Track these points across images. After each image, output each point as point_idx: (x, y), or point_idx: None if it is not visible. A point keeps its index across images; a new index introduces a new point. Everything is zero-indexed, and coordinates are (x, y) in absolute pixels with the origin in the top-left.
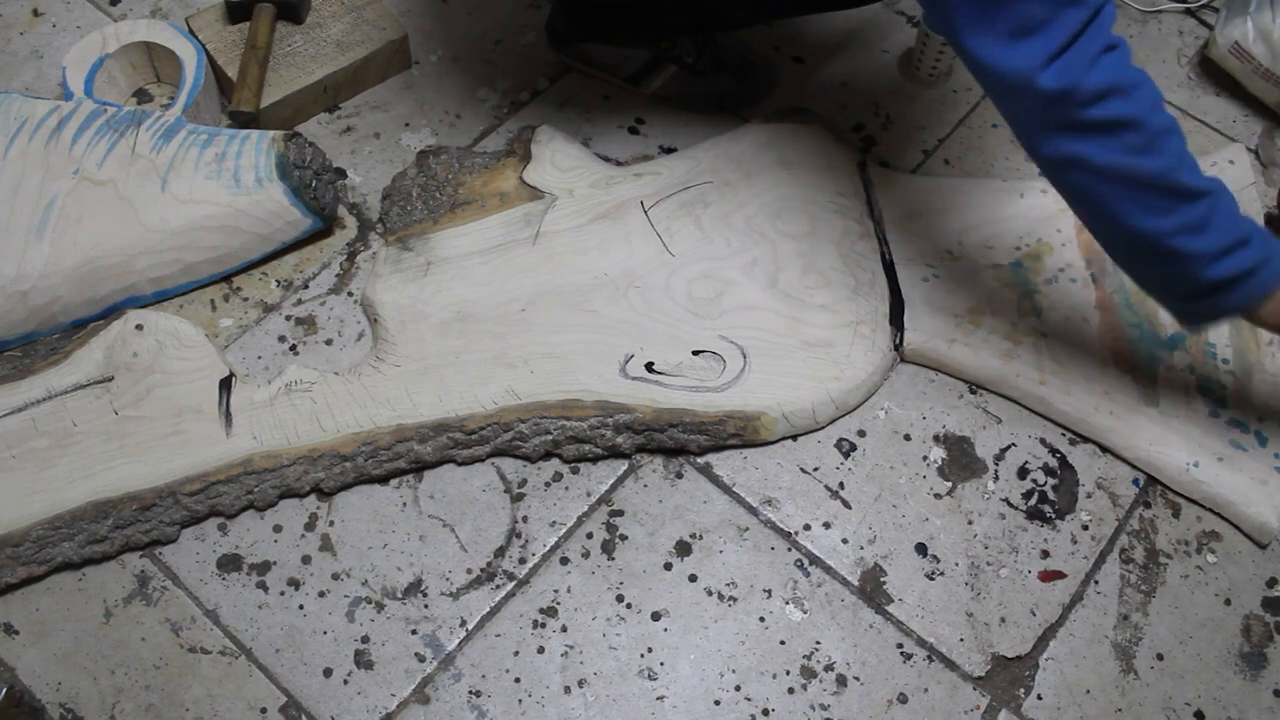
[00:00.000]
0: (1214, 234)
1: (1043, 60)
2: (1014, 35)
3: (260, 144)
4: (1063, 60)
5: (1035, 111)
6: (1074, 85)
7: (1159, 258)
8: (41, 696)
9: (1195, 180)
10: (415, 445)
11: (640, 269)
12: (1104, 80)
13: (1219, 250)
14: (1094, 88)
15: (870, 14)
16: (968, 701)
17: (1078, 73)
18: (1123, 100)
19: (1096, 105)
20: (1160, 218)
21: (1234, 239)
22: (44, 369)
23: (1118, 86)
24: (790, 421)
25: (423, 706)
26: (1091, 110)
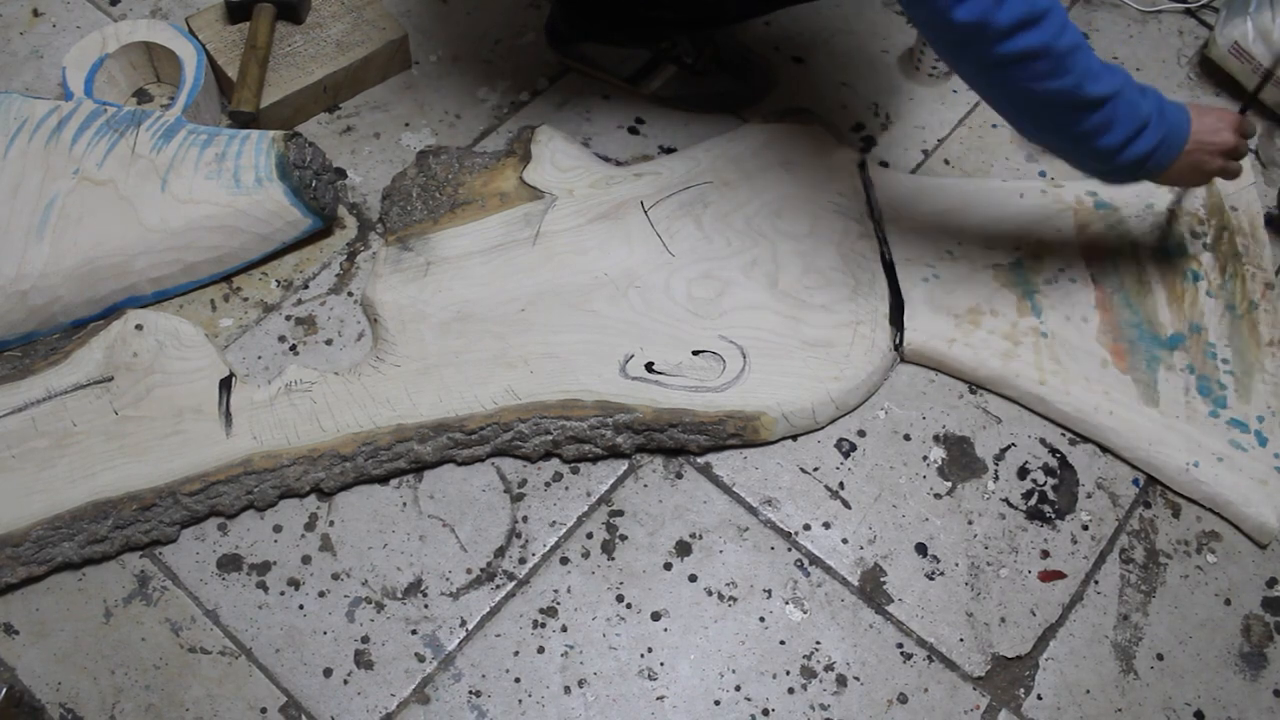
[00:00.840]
0: (1119, 129)
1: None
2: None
3: (260, 144)
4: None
5: (953, 45)
6: (986, 20)
7: (1071, 153)
8: (41, 696)
9: (1098, 88)
10: (415, 445)
11: (640, 269)
12: (1014, 14)
13: (1124, 141)
14: (1006, 23)
15: (870, 14)
16: (968, 701)
17: (989, 7)
18: (1033, 31)
19: (1009, 40)
20: (1070, 127)
21: (1136, 127)
22: (44, 369)
23: (1028, 18)
24: (790, 421)
25: (423, 706)
26: (1004, 46)
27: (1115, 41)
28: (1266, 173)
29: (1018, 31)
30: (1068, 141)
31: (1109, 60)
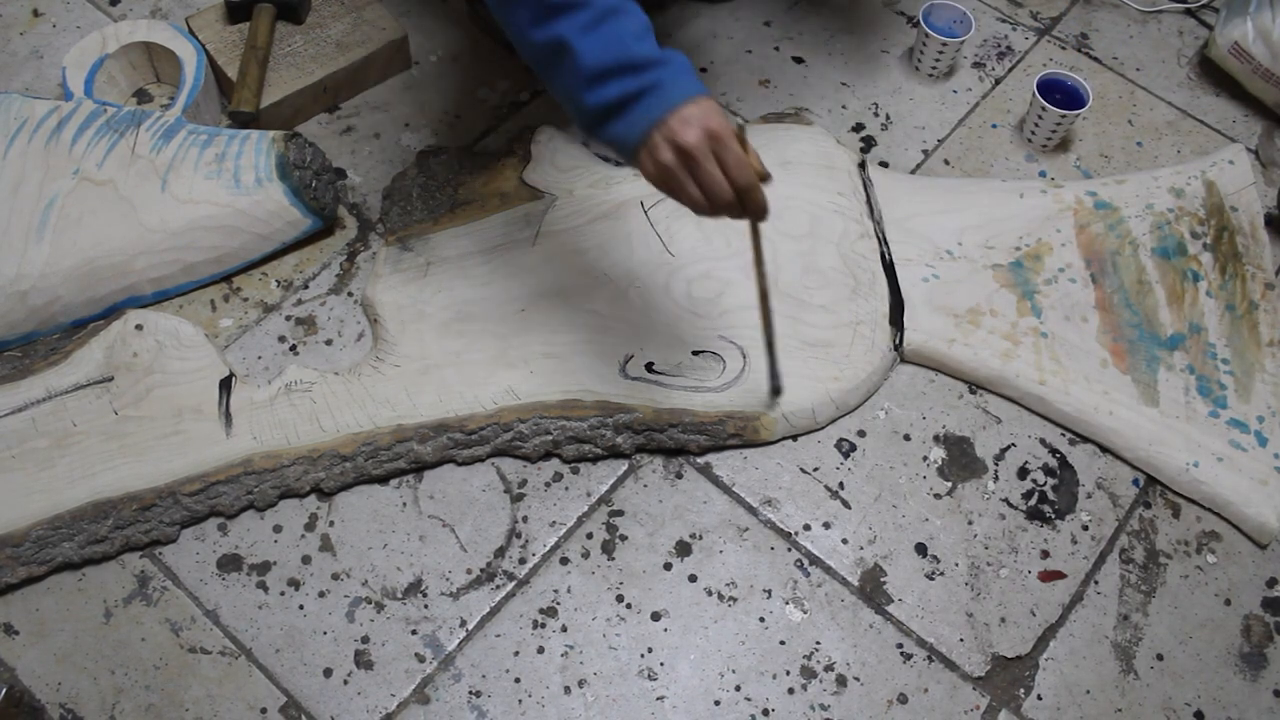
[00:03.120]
0: (588, 54)
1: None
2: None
3: (260, 144)
4: None
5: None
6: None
7: (547, 73)
8: (41, 696)
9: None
10: (415, 445)
11: (640, 269)
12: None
13: (592, 74)
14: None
15: (870, 14)
16: (968, 701)
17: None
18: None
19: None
20: (524, 30)
21: (614, 62)
22: (44, 369)
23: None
24: (790, 421)
25: (423, 706)
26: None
27: (1115, 42)
28: (1266, 173)
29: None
30: (529, 52)
31: (1110, 59)
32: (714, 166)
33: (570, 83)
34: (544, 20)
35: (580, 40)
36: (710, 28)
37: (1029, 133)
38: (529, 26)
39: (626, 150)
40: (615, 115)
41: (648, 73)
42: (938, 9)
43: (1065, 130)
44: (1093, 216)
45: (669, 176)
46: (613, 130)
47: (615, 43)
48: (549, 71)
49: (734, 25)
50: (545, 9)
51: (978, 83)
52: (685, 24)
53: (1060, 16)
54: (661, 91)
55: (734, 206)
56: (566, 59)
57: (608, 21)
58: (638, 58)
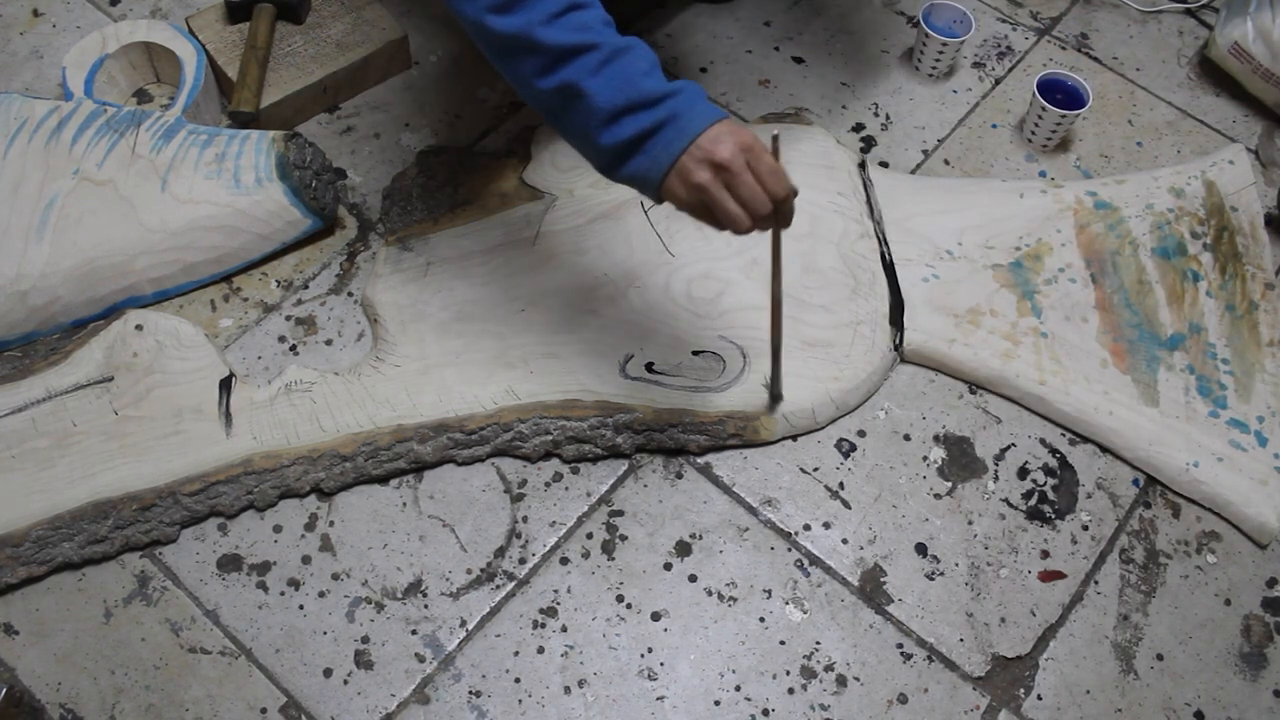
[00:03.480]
0: (597, 96)
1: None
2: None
3: (260, 144)
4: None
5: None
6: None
7: (558, 119)
8: (41, 696)
9: (554, 37)
10: (415, 445)
11: (640, 269)
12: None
13: (607, 115)
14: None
15: (870, 14)
16: (968, 701)
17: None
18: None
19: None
20: (530, 81)
21: (627, 102)
22: (44, 369)
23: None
24: (790, 421)
25: (423, 706)
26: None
27: (1115, 42)
28: (1266, 173)
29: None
30: (538, 101)
31: (1110, 59)
32: (751, 179)
33: (584, 126)
34: (552, 69)
35: (590, 82)
36: (710, 28)
37: (1029, 133)
38: (535, 77)
39: (650, 184)
40: (634, 152)
41: (662, 106)
42: (938, 9)
43: (1065, 130)
44: (1093, 216)
45: (705, 195)
46: (633, 167)
47: (626, 82)
48: (560, 117)
49: (734, 25)
50: (553, 57)
51: (978, 83)
52: (685, 24)
53: (1060, 16)
54: (680, 122)
55: (769, 218)
56: (578, 103)
57: (615, 61)
58: (650, 94)
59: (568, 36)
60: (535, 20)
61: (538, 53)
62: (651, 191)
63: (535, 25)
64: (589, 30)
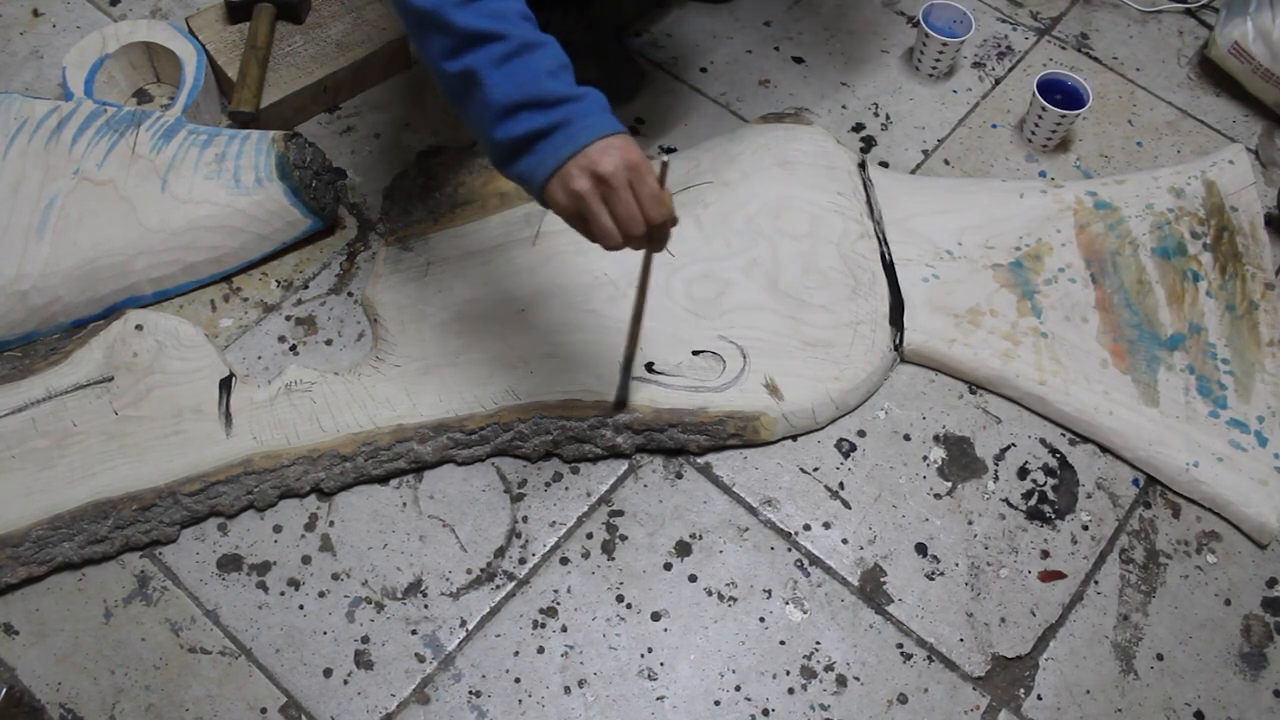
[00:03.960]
0: (494, 89)
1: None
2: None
3: (260, 144)
4: None
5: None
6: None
7: (459, 105)
8: (41, 696)
9: (466, 20)
10: (415, 445)
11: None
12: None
13: (501, 109)
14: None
15: (870, 14)
16: (968, 701)
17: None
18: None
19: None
20: (437, 61)
21: (523, 98)
22: (44, 369)
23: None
24: (790, 421)
25: (423, 706)
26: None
27: (1115, 42)
28: (1266, 173)
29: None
30: (443, 82)
31: (1110, 59)
32: (630, 197)
33: (480, 116)
34: (459, 52)
35: (491, 74)
36: (710, 28)
37: (1029, 133)
38: (442, 57)
39: (534, 185)
40: (524, 151)
41: (558, 109)
42: (938, 9)
43: (1065, 130)
44: (1093, 216)
45: (582, 205)
46: (521, 165)
47: (527, 78)
48: (461, 102)
49: (734, 25)
50: (461, 40)
51: (978, 83)
52: (685, 24)
53: (1060, 16)
54: (573, 128)
55: (641, 239)
56: (477, 92)
57: (521, 56)
58: (549, 94)
59: (478, 22)
60: (449, 2)
61: (446, 33)
62: (535, 193)
63: (448, 5)
64: (501, 19)
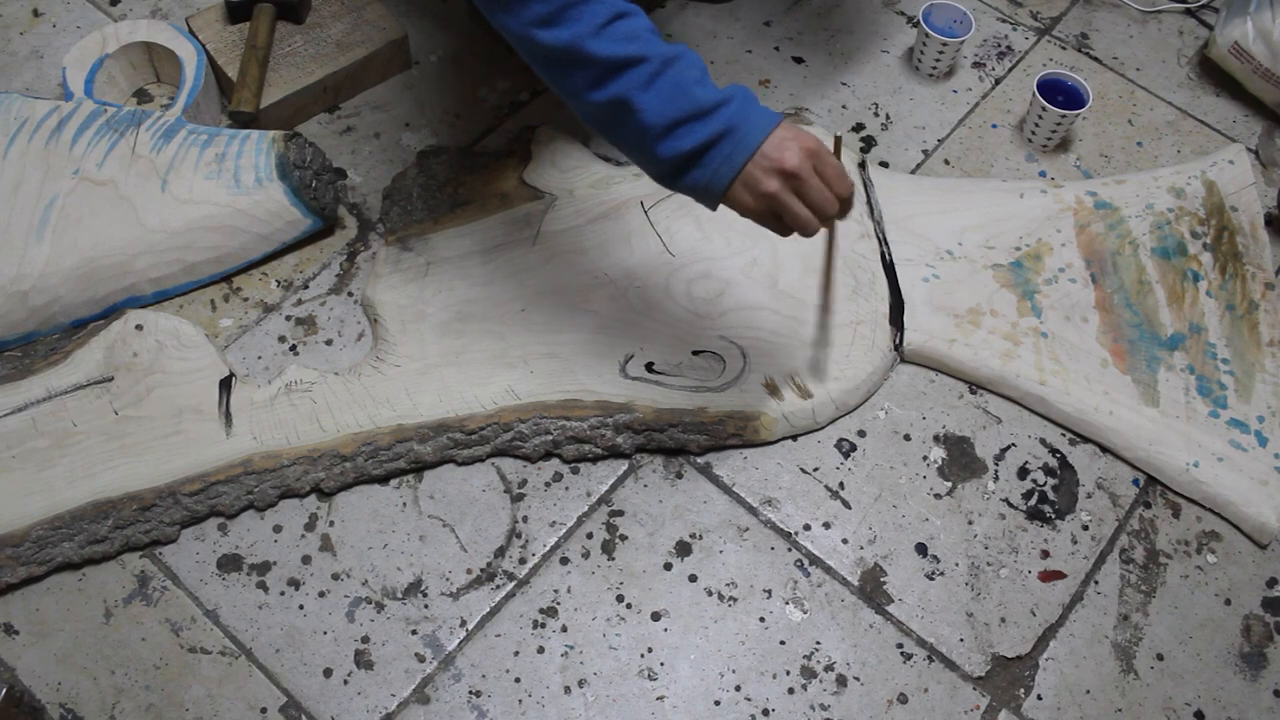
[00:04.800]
0: (651, 110)
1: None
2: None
3: (260, 144)
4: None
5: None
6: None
7: (610, 131)
8: (41, 696)
9: (604, 49)
10: (415, 445)
11: (640, 269)
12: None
13: (663, 127)
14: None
15: (870, 14)
16: (968, 701)
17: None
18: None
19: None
20: (582, 95)
21: (682, 113)
22: (44, 369)
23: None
24: (790, 421)
25: (423, 706)
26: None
27: (1115, 42)
28: (1266, 173)
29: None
30: (587, 111)
31: (1110, 59)
32: (819, 182)
33: (636, 139)
34: (603, 82)
35: (641, 97)
36: (710, 28)
37: (1029, 133)
38: (586, 90)
39: (712, 194)
40: (693, 164)
41: (717, 116)
42: (938, 9)
43: (1065, 130)
44: (1093, 216)
45: (775, 203)
46: (692, 178)
47: (678, 93)
48: (609, 128)
49: (734, 25)
50: (604, 70)
51: (978, 83)
52: (685, 24)
53: (1060, 16)
54: (739, 133)
55: (833, 216)
56: (630, 118)
57: (666, 73)
58: (704, 104)
59: (618, 48)
60: (584, 33)
61: (588, 66)
62: (711, 201)
63: (585, 38)
64: (637, 40)
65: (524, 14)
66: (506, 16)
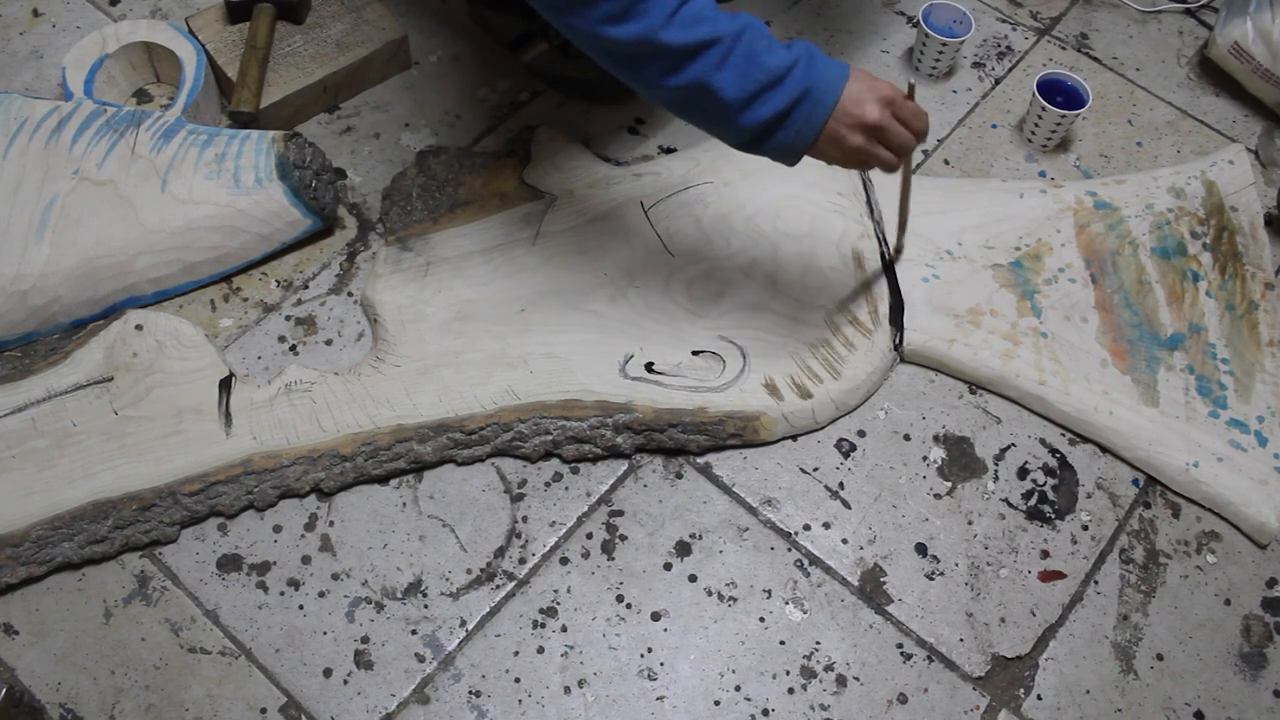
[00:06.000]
0: (729, 85)
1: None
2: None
3: (260, 144)
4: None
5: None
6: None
7: (689, 112)
8: (41, 696)
9: (680, 36)
10: (415, 445)
11: (640, 269)
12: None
13: (744, 100)
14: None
15: (870, 14)
16: (968, 701)
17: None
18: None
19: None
20: (656, 81)
21: (759, 84)
22: (44, 369)
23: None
24: (790, 421)
25: (423, 706)
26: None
27: (1115, 42)
28: (1266, 173)
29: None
30: (664, 96)
31: (1110, 59)
32: (899, 126)
33: (718, 115)
34: (679, 68)
35: (717, 77)
36: None
37: (1029, 133)
38: (662, 77)
39: (796, 152)
40: (776, 128)
41: (790, 81)
42: (938, 9)
43: (1065, 130)
44: (1093, 216)
45: (860, 153)
46: (776, 141)
47: (751, 66)
48: (689, 109)
49: None
50: (679, 58)
51: (978, 83)
52: None
53: (1060, 16)
54: (815, 93)
55: (913, 149)
56: (709, 98)
57: (737, 49)
58: (776, 70)
59: (690, 34)
60: (655, 24)
61: (663, 56)
62: (794, 158)
63: (656, 30)
64: (705, 22)
65: (592, 13)
66: (574, 17)
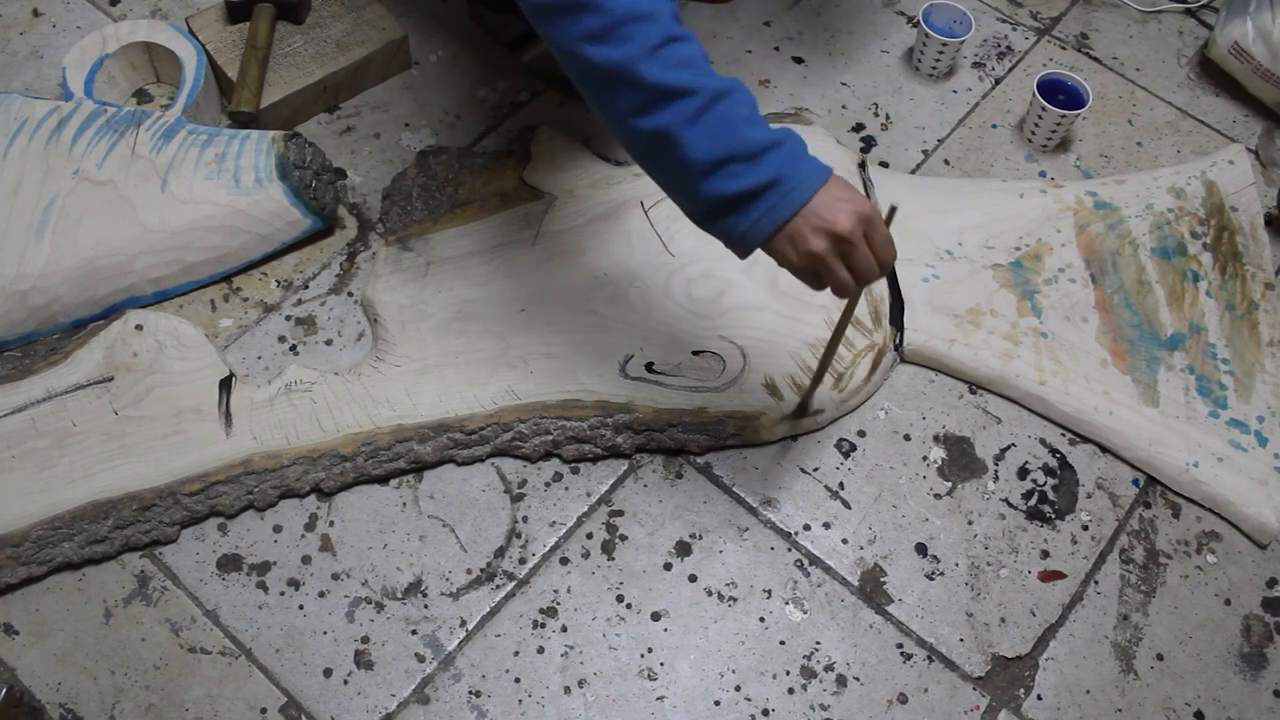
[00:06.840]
0: (697, 144)
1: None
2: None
3: (260, 144)
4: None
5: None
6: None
7: (651, 163)
8: (41, 696)
9: (660, 76)
10: (415, 445)
11: (640, 269)
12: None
13: (709, 164)
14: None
15: (870, 14)
16: (968, 701)
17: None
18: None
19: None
20: (625, 120)
21: (729, 151)
22: (44, 369)
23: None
24: (790, 421)
25: (423, 706)
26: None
27: (1115, 42)
28: (1266, 173)
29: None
30: (628, 138)
31: (1110, 59)
32: (867, 249)
33: (677, 174)
34: (650, 109)
35: (687, 131)
36: (710, 28)
37: (1029, 133)
38: (631, 115)
39: (748, 243)
40: (734, 209)
41: (764, 161)
42: (938, 9)
43: (1065, 130)
44: (1093, 216)
45: (819, 264)
46: (730, 224)
47: (726, 131)
48: (650, 159)
49: (734, 25)
50: (652, 97)
51: (978, 83)
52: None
53: (1060, 16)
54: (786, 185)
55: (872, 282)
56: (673, 151)
57: (715, 107)
58: (752, 145)
59: (669, 75)
60: (636, 54)
61: (636, 89)
62: (744, 250)
63: (637, 60)
64: (690, 68)
65: (574, 28)
66: (554, 29)
